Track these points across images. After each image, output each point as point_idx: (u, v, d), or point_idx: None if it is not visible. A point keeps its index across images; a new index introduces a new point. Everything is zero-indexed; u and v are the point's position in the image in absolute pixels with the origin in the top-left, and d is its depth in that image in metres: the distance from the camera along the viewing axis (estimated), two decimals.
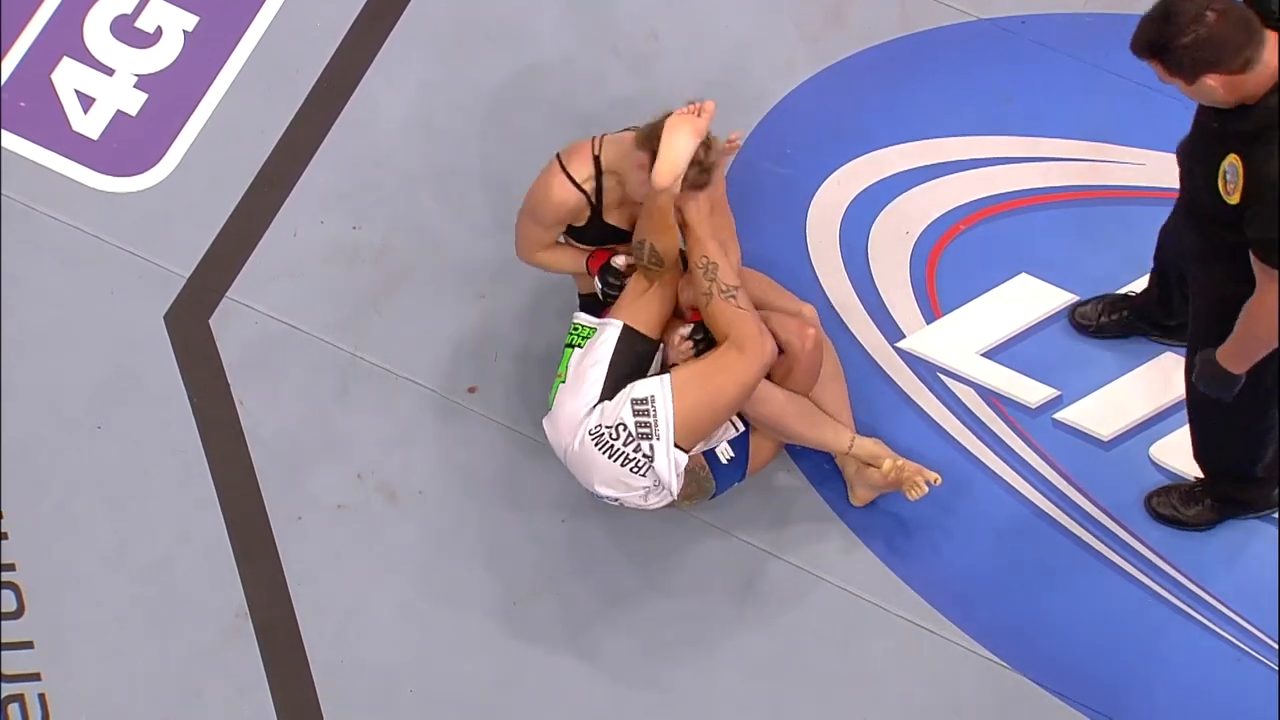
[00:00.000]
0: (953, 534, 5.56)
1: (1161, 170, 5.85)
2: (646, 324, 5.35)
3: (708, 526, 5.55)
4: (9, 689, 5.40)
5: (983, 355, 5.71)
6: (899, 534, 5.55)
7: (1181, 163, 4.81)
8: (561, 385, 5.32)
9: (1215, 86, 4.45)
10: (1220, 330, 4.79)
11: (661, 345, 5.38)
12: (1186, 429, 5.59)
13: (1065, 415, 5.66)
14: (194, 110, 5.93)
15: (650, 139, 5.16)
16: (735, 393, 5.26)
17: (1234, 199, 4.53)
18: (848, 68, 5.99)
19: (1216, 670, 5.44)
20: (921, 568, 5.52)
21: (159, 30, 6.02)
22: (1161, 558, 5.52)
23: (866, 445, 5.47)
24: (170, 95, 5.95)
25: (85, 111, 5.94)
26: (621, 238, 5.36)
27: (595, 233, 5.36)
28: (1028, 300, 5.73)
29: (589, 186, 5.26)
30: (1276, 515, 5.50)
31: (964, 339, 5.72)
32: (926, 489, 5.41)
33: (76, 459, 5.59)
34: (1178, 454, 5.61)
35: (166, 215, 5.83)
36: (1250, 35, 4.39)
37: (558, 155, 5.28)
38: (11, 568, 5.49)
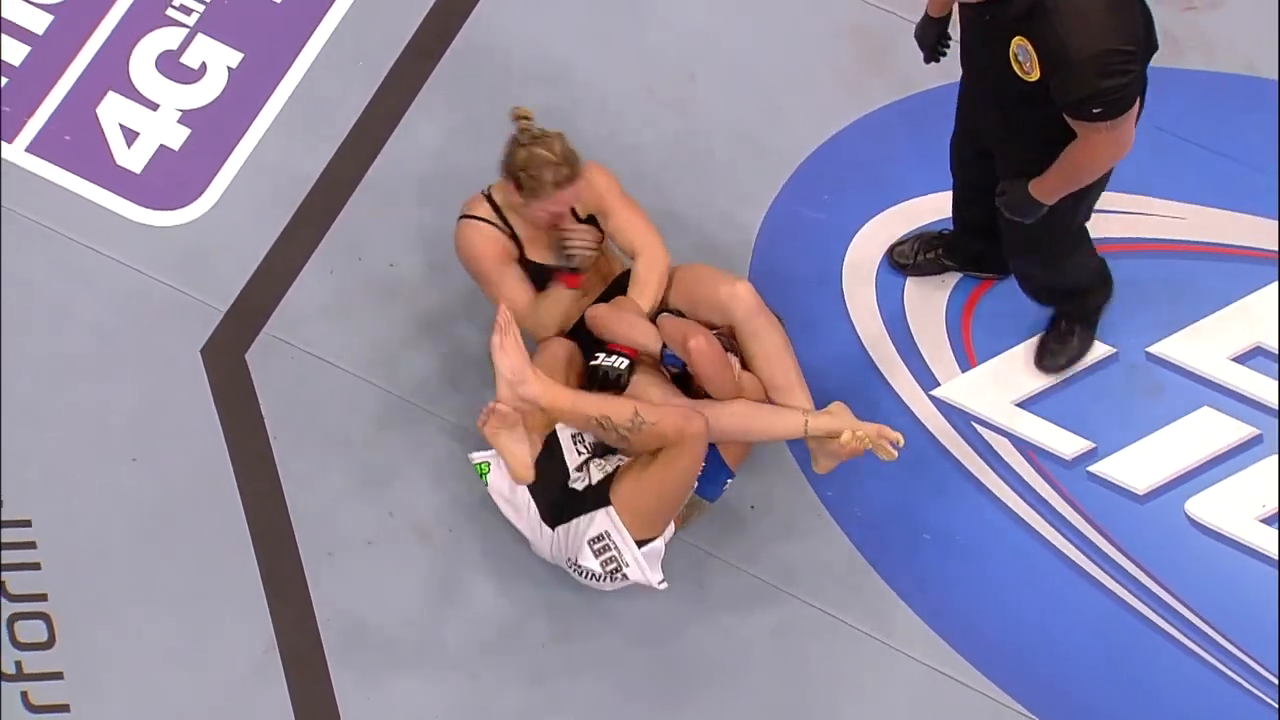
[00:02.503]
0: (984, 583, 5.53)
1: (1202, 225, 5.84)
2: (536, 425, 5.34)
3: (733, 569, 5.54)
4: None
5: (1018, 405, 5.69)
6: (928, 580, 5.53)
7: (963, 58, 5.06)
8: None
9: None
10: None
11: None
12: (1224, 484, 5.59)
13: (1100, 468, 5.64)
14: (236, 146, 5.97)
15: (509, 168, 5.30)
16: (683, 480, 5.25)
17: (1033, 76, 4.73)
18: (887, 115, 5.99)
19: None
20: (950, 616, 5.50)
21: (203, 66, 6.05)
22: (1196, 614, 5.49)
23: (823, 423, 5.36)
24: (213, 130, 5.98)
25: (129, 145, 5.98)
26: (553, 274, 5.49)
27: (531, 275, 5.47)
28: None
29: (498, 220, 5.39)
30: None
31: (999, 388, 5.70)
32: (895, 453, 5.35)
33: (111, 490, 5.61)
34: (1214, 509, 5.58)
35: (206, 250, 5.85)
36: None
37: (460, 216, 5.44)
38: (43, 598, 5.50)
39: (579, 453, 5.33)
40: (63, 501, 5.59)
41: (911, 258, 5.80)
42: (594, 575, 5.28)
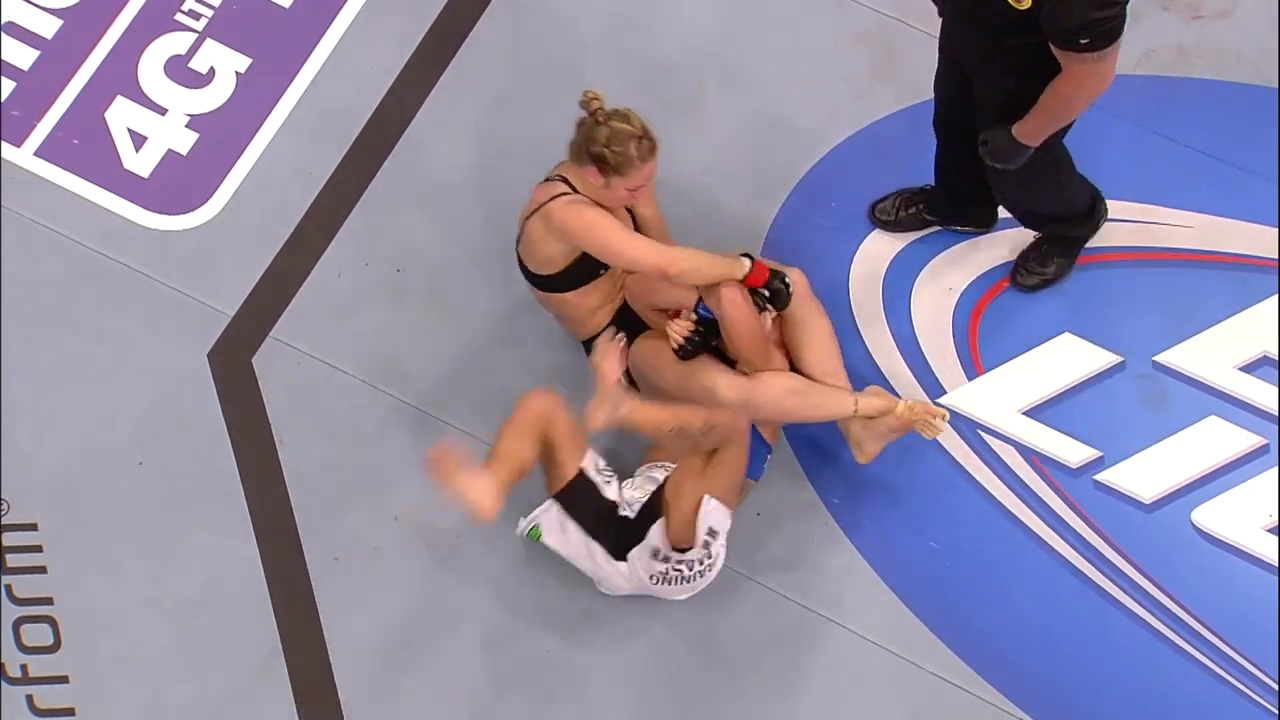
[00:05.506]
0: (989, 590, 5.53)
1: (1209, 234, 5.84)
2: (565, 475, 5.36)
3: (744, 579, 5.54)
4: None
5: (1024, 414, 5.69)
6: (934, 588, 5.53)
7: None
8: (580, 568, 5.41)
9: None
10: (1007, 120, 5.12)
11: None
12: (1230, 494, 5.59)
13: (1106, 476, 5.64)
14: (244, 150, 5.97)
15: (590, 149, 5.25)
16: (740, 471, 5.36)
17: (1024, 5, 4.82)
18: (895, 123, 5.99)
19: None
20: (956, 623, 5.50)
21: (212, 71, 6.06)
22: (1201, 622, 5.49)
23: (871, 403, 5.44)
24: (221, 135, 5.99)
25: (137, 150, 5.99)
26: None
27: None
28: (1070, 360, 5.72)
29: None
30: None
31: (1006, 397, 5.70)
32: (942, 428, 5.42)
33: (118, 493, 5.61)
34: (1220, 518, 5.58)
35: (213, 254, 5.86)
36: None
37: (554, 198, 5.34)
38: (49, 601, 5.51)
39: (605, 480, 5.38)
40: (69, 505, 5.59)
41: (893, 214, 5.83)
42: (683, 578, 5.32)
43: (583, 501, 5.34)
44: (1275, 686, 5.43)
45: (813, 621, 5.51)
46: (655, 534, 5.29)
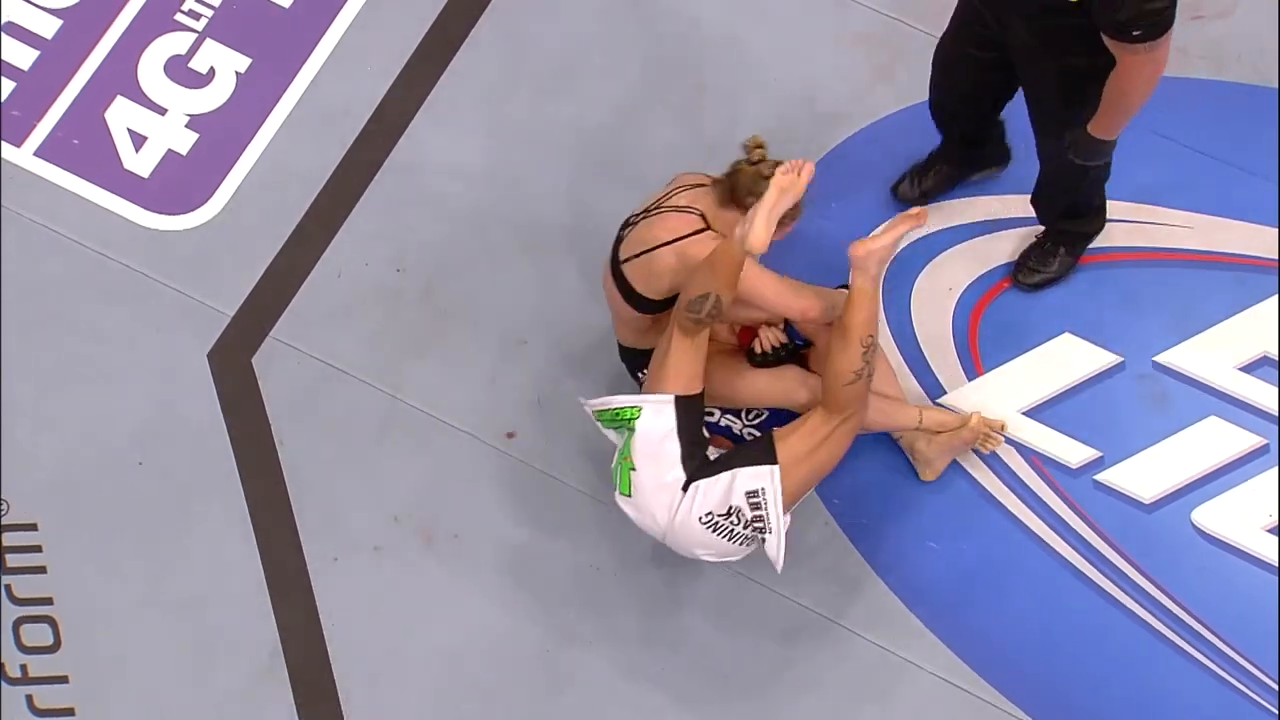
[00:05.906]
0: (989, 591, 5.53)
1: (1209, 234, 5.84)
2: (691, 384, 5.28)
3: (744, 579, 5.54)
4: None
5: (1024, 414, 5.69)
6: (935, 592, 5.53)
7: None
8: (633, 471, 5.27)
9: None
10: (1065, 106, 5.15)
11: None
12: (1230, 494, 5.59)
13: (1106, 477, 5.64)
14: (244, 150, 5.97)
15: (733, 196, 5.21)
16: (839, 455, 5.31)
17: None
18: (896, 123, 5.99)
19: None
20: (956, 623, 5.50)
21: (212, 71, 6.06)
22: (1201, 622, 5.49)
23: (935, 417, 5.52)
24: (221, 135, 5.99)
25: (137, 150, 5.99)
26: None
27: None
28: (1071, 360, 5.72)
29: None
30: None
31: (1005, 397, 5.70)
32: (1001, 439, 5.53)
33: (117, 494, 5.61)
34: (1221, 519, 5.58)
35: (213, 254, 5.86)
36: None
37: (695, 234, 5.27)
38: (49, 601, 5.51)
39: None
40: (69, 505, 5.60)
41: (916, 189, 5.84)
42: (739, 522, 5.22)
43: (693, 419, 5.26)
44: (1275, 686, 5.43)
45: (812, 622, 5.51)
46: (764, 475, 5.22)
